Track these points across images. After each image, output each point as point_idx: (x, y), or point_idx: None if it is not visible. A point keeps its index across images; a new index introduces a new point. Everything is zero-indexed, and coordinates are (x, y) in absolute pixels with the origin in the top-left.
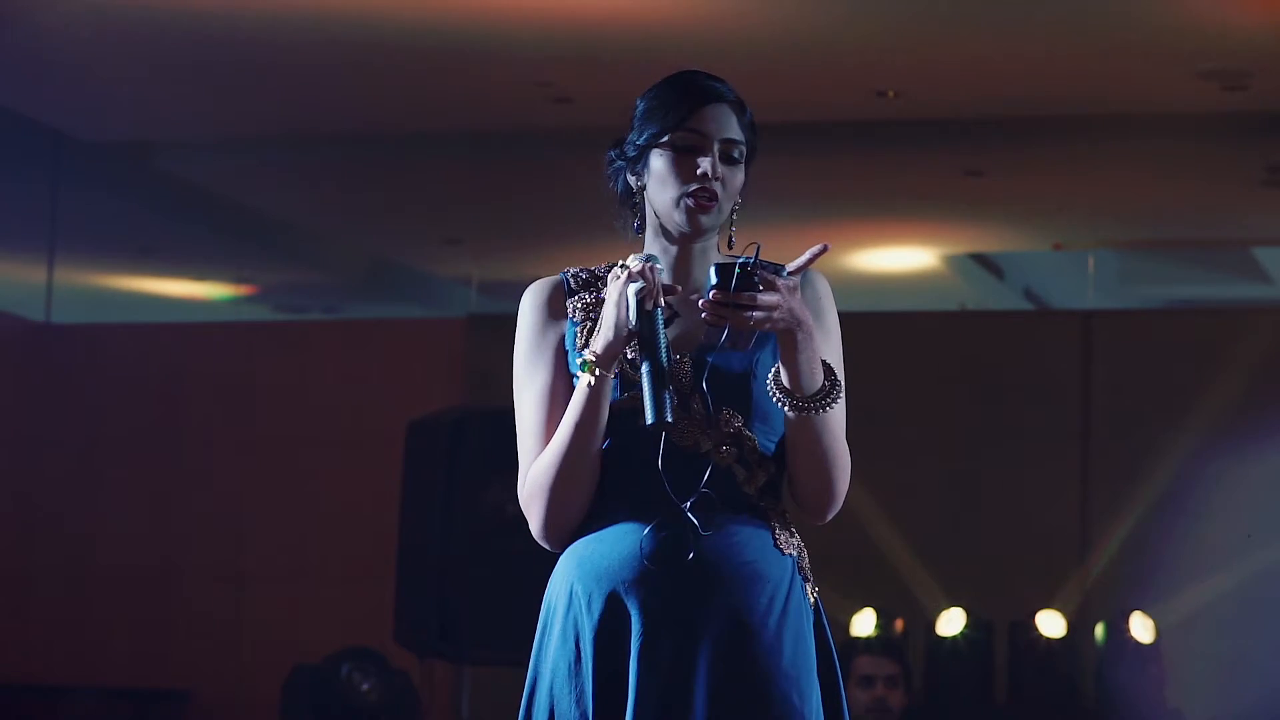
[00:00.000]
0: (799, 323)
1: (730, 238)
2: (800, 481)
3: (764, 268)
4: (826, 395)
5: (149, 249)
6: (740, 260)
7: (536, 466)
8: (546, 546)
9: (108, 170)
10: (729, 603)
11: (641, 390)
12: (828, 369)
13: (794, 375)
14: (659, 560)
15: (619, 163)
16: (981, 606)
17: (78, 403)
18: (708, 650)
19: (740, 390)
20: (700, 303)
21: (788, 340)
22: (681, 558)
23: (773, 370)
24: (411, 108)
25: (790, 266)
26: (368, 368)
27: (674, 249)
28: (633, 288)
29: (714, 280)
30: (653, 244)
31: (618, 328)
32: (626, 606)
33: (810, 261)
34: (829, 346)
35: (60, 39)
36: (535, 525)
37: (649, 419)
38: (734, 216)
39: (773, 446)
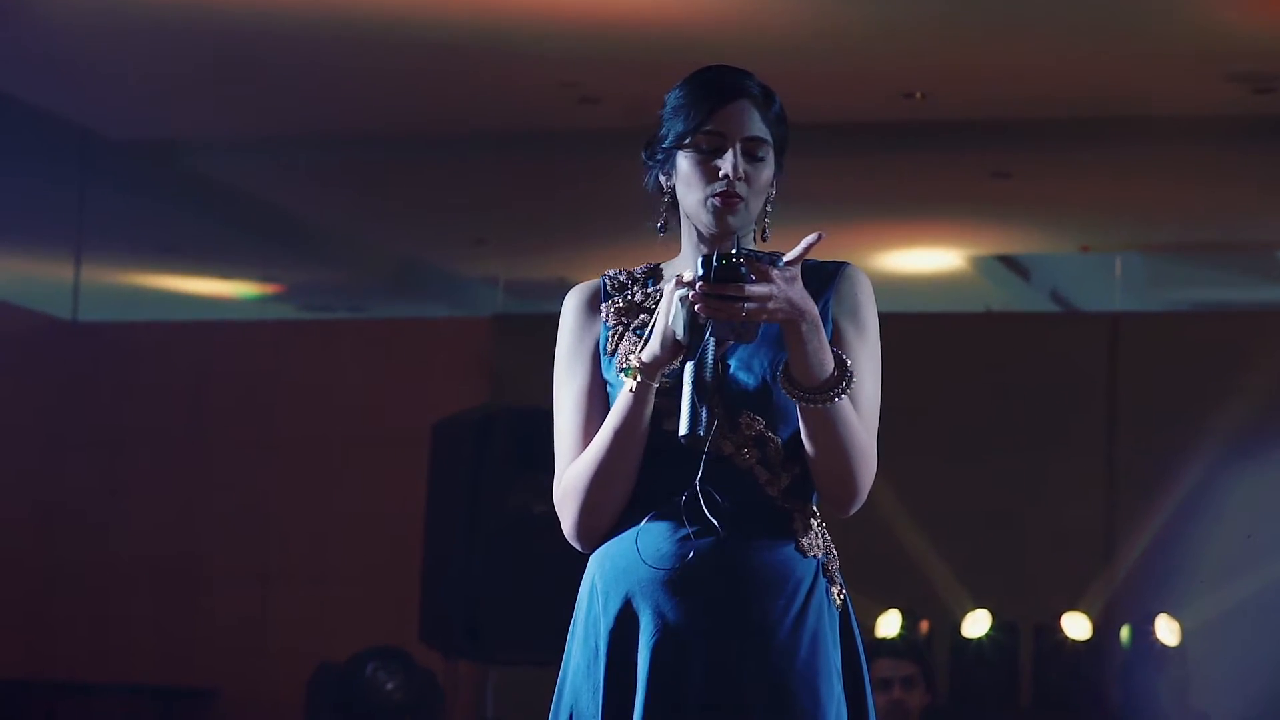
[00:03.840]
0: (801, 313)
1: (765, 230)
2: (817, 472)
3: (758, 258)
4: (835, 385)
5: (175, 248)
6: (720, 251)
7: (574, 468)
8: (578, 547)
9: (135, 169)
10: (743, 604)
11: (680, 400)
12: (839, 359)
13: (800, 366)
14: (658, 561)
15: (650, 163)
16: (1007, 608)
17: (104, 401)
18: (718, 651)
19: (762, 393)
20: (689, 295)
21: (790, 331)
22: (679, 560)
23: (782, 363)
24: (438, 108)
25: (787, 256)
26: (393, 367)
27: (706, 248)
28: (679, 294)
29: (700, 272)
30: (687, 243)
31: (664, 338)
32: (642, 606)
33: (806, 250)
34: (862, 343)
35: (87, 38)
36: (568, 526)
37: (683, 431)
38: (768, 209)
39: (798, 447)
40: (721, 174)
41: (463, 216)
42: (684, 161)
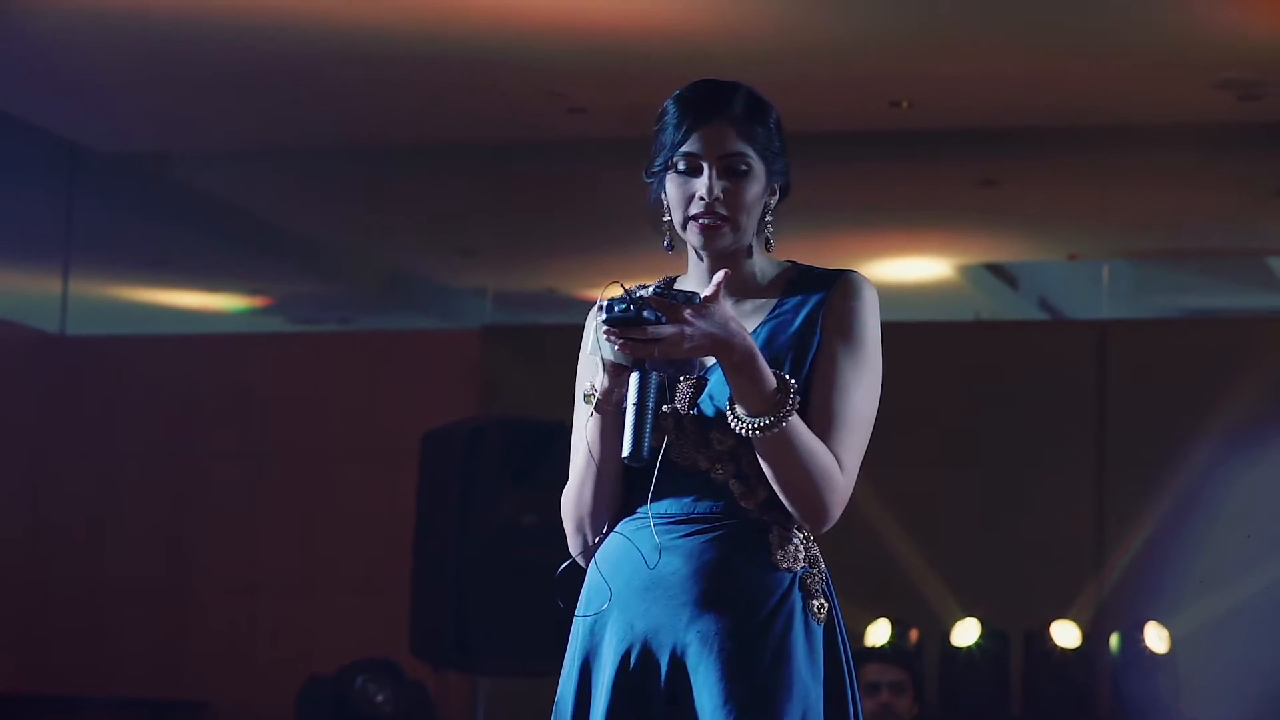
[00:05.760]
0: (727, 345)
1: (769, 240)
2: (780, 492)
3: (672, 296)
4: (778, 410)
5: (164, 260)
6: (610, 299)
7: (566, 488)
8: (580, 563)
9: (123, 182)
10: (706, 614)
11: (624, 424)
12: (783, 383)
13: (738, 395)
14: (633, 568)
15: (649, 180)
16: (996, 617)
17: (92, 414)
18: (678, 660)
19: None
20: (605, 335)
21: (721, 363)
22: (634, 572)
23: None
24: (425, 119)
25: (704, 293)
26: (383, 379)
27: (707, 260)
28: (600, 329)
29: (603, 316)
30: (691, 256)
31: (605, 366)
32: (615, 613)
33: (718, 287)
34: (849, 355)
35: (75, 51)
36: (568, 541)
37: (625, 452)
38: (767, 218)
39: None
40: (698, 196)
41: (451, 228)
42: (669, 184)
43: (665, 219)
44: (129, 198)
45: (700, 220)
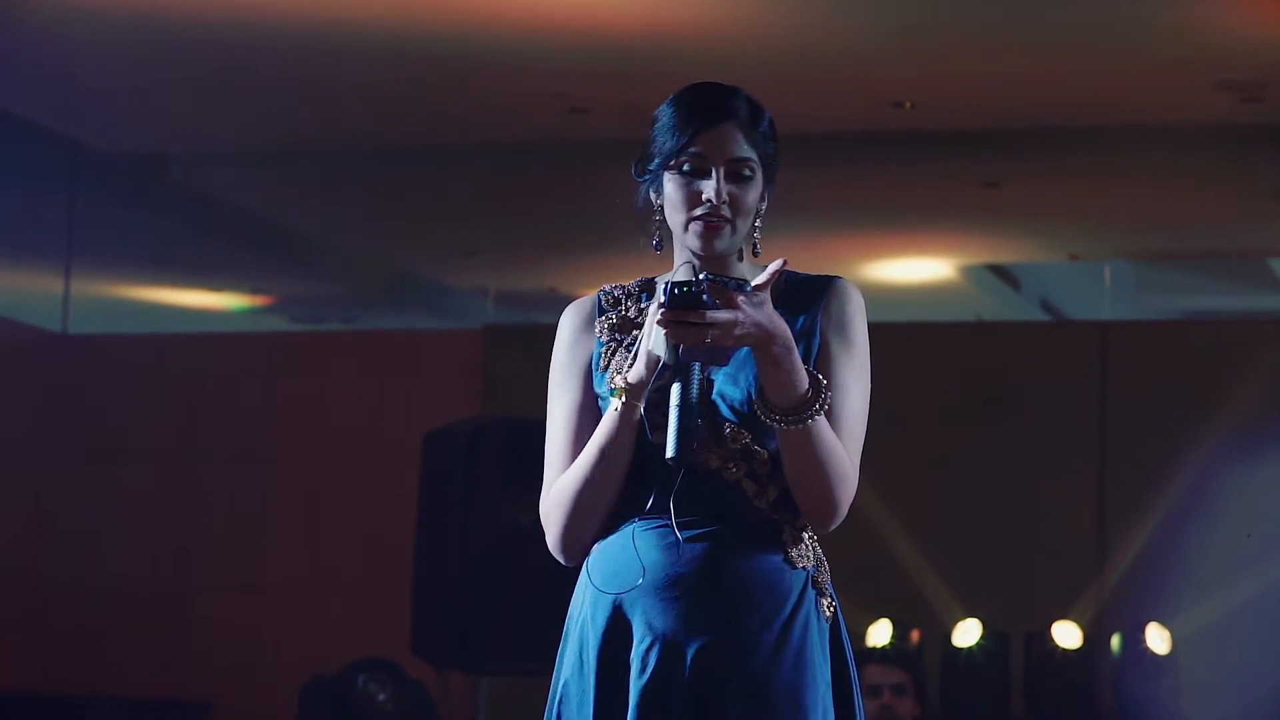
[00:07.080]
0: (771, 336)
1: (756, 246)
2: (795, 491)
3: (724, 284)
4: (809, 406)
5: (166, 260)
6: (675, 280)
7: (560, 481)
8: (560, 560)
9: (125, 181)
10: (729, 615)
11: (667, 420)
12: (814, 379)
13: (772, 388)
14: (647, 568)
15: (640, 180)
16: (997, 617)
17: (95, 413)
18: (703, 664)
19: (747, 406)
20: (655, 321)
21: (760, 354)
22: (667, 569)
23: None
24: (427, 119)
25: (755, 281)
26: (385, 378)
27: (697, 263)
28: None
29: (662, 299)
30: (679, 259)
31: (648, 359)
32: (631, 613)
33: (773, 275)
34: (849, 359)
35: (77, 50)
36: (552, 538)
37: (670, 453)
38: (758, 224)
39: None
40: (705, 198)
41: (453, 227)
42: (669, 184)
43: (656, 219)
44: (131, 196)
45: (706, 221)
